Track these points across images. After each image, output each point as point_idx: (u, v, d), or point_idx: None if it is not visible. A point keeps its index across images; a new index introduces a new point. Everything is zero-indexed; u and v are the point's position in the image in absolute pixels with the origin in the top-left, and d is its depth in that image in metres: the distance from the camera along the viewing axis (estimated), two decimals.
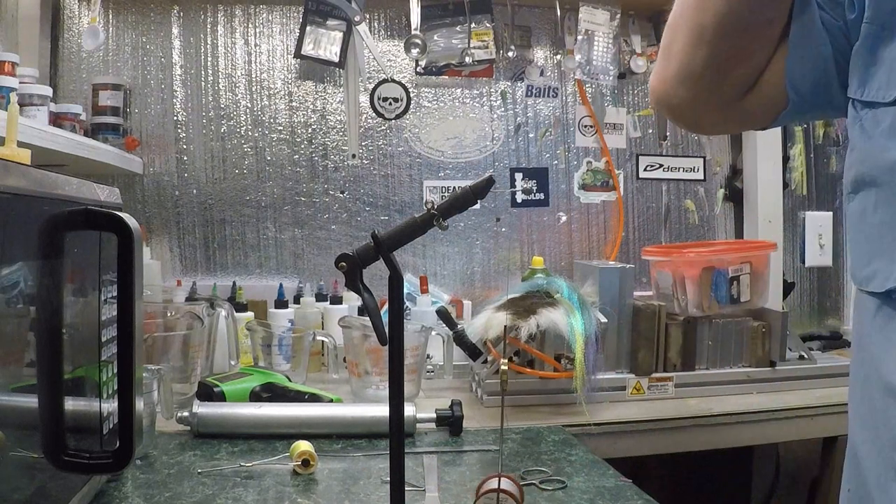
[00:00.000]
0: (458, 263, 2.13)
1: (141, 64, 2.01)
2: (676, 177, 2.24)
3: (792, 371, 1.73)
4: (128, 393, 0.73)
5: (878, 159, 0.64)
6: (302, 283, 2.03)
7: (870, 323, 0.64)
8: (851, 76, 0.70)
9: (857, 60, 0.69)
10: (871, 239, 0.64)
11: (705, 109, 0.83)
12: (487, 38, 2.05)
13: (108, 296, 0.86)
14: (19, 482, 0.68)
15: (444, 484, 1.07)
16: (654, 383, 1.65)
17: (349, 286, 0.78)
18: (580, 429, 1.43)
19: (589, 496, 1.05)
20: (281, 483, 1.08)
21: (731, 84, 0.78)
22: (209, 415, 1.28)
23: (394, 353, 0.76)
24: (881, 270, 0.62)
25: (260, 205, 2.05)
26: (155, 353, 1.41)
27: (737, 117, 0.83)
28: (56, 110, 1.64)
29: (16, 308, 0.66)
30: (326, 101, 2.08)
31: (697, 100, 0.81)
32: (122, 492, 1.02)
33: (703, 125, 0.97)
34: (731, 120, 0.85)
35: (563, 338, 1.48)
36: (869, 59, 0.67)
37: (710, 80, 0.78)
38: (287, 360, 1.65)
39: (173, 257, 2.02)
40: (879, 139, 0.64)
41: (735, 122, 0.86)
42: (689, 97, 0.81)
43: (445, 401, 1.38)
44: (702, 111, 0.83)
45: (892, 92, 0.64)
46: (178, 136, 2.02)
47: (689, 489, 2.03)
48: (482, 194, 0.80)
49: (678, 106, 0.83)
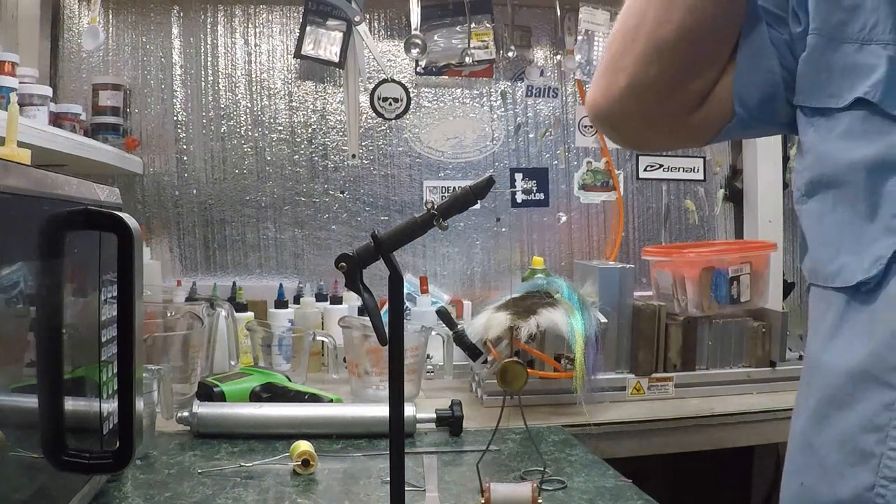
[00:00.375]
0: (458, 263, 2.13)
1: (141, 64, 2.01)
2: (676, 177, 2.24)
3: (792, 371, 1.73)
4: (128, 393, 0.73)
5: (835, 161, 0.67)
6: (302, 283, 2.03)
7: (837, 317, 0.66)
8: (801, 85, 0.72)
9: (807, 69, 0.71)
10: (833, 237, 0.67)
11: (652, 126, 0.81)
12: (487, 38, 2.05)
13: (108, 296, 0.86)
14: (19, 482, 0.68)
15: (444, 484, 1.07)
16: (654, 383, 1.64)
17: (349, 286, 0.78)
18: (580, 429, 1.43)
19: (589, 496, 1.05)
20: (281, 483, 1.08)
21: (684, 99, 0.78)
22: (209, 415, 1.28)
23: (394, 353, 0.76)
24: (848, 265, 0.65)
25: (260, 205, 2.05)
26: (155, 353, 1.41)
27: (682, 133, 0.82)
28: (56, 110, 1.64)
29: (16, 308, 0.66)
30: (326, 101, 2.08)
31: (647, 116, 0.79)
32: (122, 492, 1.02)
33: (646, 142, 0.95)
34: (677, 136, 0.84)
35: (563, 338, 1.48)
36: (818, 67, 0.70)
37: (663, 95, 0.77)
38: (287, 360, 1.65)
39: (173, 257, 2.02)
40: (836, 142, 0.67)
41: (679, 139, 0.86)
42: (638, 113, 0.79)
43: (445, 401, 1.38)
44: (648, 127, 0.81)
45: (844, 98, 0.67)
46: (178, 136, 2.02)
47: (689, 489, 2.03)
48: (482, 194, 0.80)
49: (623, 122, 0.81)
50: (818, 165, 0.69)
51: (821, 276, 0.68)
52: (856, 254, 0.64)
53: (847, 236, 0.65)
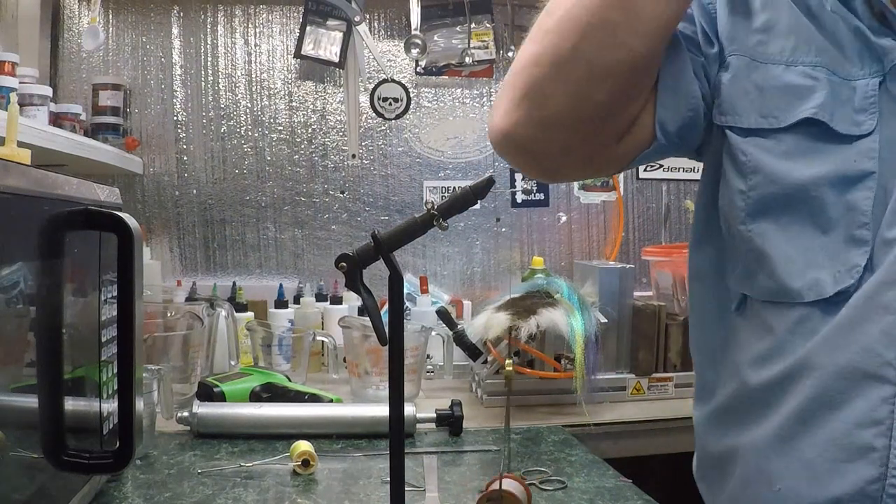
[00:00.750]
0: (458, 263, 2.13)
1: (141, 64, 2.01)
2: (676, 177, 2.24)
3: None
4: (128, 393, 0.73)
5: (788, 179, 0.68)
6: (302, 283, 2.03)
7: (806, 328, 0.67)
8: (728, 105, 0.73)
9: (734, 90, 0.72)
10: (795, 255, 0.68)
11: (575, 155, 0.76)
12: (487, 38, 2.05)
13: (108, 296, 0.86)
14: (19, 482, 0.68)
15: (444, 484, 1.07)
16: (655, 383, 1.64)
17: (349, 286, 0.78)
18: (580, 429, 1.43)
19: (589, 496, 1.05)
20: (281, 483, 1.08)
21: (618, 127, 0.74)
22: (209, 415, 1.29)
23: (394, 353, 0.76)
24: (821, 279, 0.66)
25: (260, 205, 2.05)
26: (155, 353, 1.41)
27: (602, 162, 0.78)
28: (56, 110, 1.64)
29: (16, 308, 0.66)
30: (326, 101, 2.08)
31: (571, 145, 0.74)
32: (122, 492, 1.02)
33: (563, 172, 0.89)
34: (594, 165, 0.80)
35: (563, 338, 1.48)
36: (745, 88, 0.72)
37: (599, 123, 0.73)
38: (287, 360, 1.65)
39: (173, 257, 2.02)
40: (783, 161, 0.69)
41: (597, 168, 0.82)
42: (564, 143, 0.74)
43: (445, 401, 1.38)
44: (566, 156, 0.77)
45: (784, 118, 0.69)
46: (178, 136, 2.02)
47: (689, 489, 2.02)
48: (482, 194, 0.79)
49: (542, 152, 0.75)
50: (767, 185, 0.69)
51: (785, 293, 0.68)
52: (823, 267, 0.66)
53: (811, 252, 0.67)
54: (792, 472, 0.66)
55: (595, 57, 0.68)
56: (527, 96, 0.71)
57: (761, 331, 0.71)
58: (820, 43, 0.70)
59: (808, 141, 0.68)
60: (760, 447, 0.69)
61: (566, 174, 1.01)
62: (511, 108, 0.72)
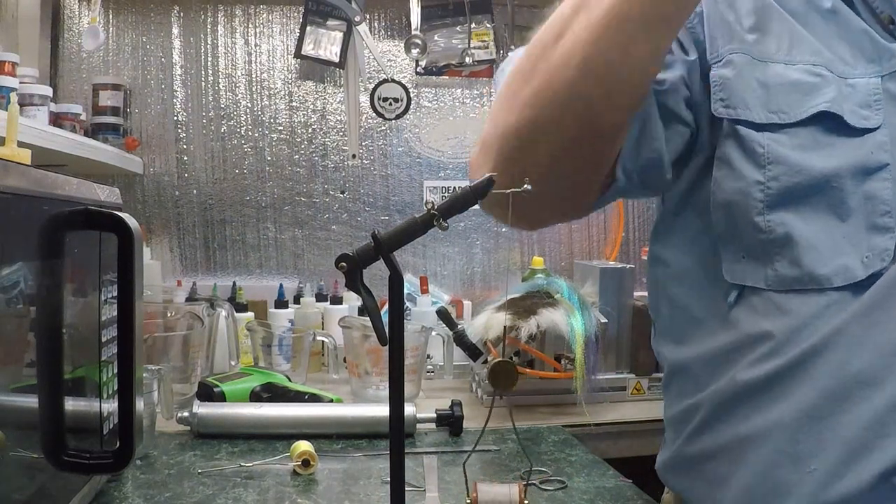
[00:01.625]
0: (458, 263, 2.13)
1: (141, 64, 2.01)
2: None
3: None
4: (128, 393, 0.73)
5: (810, 170, 0.70)
6: (302, 283, 2.03)
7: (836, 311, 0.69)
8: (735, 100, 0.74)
9: (739, 85, 0.74)
10: (820, 242, 0.70)
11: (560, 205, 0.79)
12: (487, 38, 2.05)
13: (108, 296, 0.86)
14: (19, 482, 0.68)
15: (444, 484, 1.07)
16: (655, 383, 1.64)
17: (349, 286, 0.78)
18: (580, 429, 1.43)
19: (589, 496, 1.05)
20: (281, 483, 1.08)
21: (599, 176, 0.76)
22: (209, 415, 1.28)
23: (394, 354, 0.76)
24: (850, 265, 0.69)
25: (260, 205, 2.05)
26: (155, 353, 1.41)
27: (577, 208, 0.80)
28: (56, 110, 1.64)
29: (16, 308, 0.66)
30: (326, 101, 2.08)
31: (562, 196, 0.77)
32: (122, 492, 1.02)
33: (540, 221, 0.92)
34: (572, 211, 0.82)
35: (563, 338, 1.48)
36: (750, 84, 0.73)
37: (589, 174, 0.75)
38: (287, 361, 1.65)
39: (173, 257, 2.02)
40: (800, 153, 0.71)
41: (571, 213, 0.84)
42: (548, 200, 0.75)
43: (445, 401, 1.37)
44: (550, 208, 0.79)
45: (796, 114, 0.71)
46: (178, 136, 2.02)
47: None
48: (482, 194, 0.79)
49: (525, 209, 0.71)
50: (792, 175, 0.71)
51: (811, 279, 0.70)
52: (847, 254, 0.69)
53: (834, 239, 0.69)
54: (826, 451, 0.66)
55: (573, 128, 0.71)
56: (507, 161, 0.74)
57: (773, 317, 0.72)
58: (811, 44, 0.73)
59: (822, 134, 0.70)
60: (787, 429, 0.69)
61: (543, 222, 1.01)
62: (491, 170, 0.72)
